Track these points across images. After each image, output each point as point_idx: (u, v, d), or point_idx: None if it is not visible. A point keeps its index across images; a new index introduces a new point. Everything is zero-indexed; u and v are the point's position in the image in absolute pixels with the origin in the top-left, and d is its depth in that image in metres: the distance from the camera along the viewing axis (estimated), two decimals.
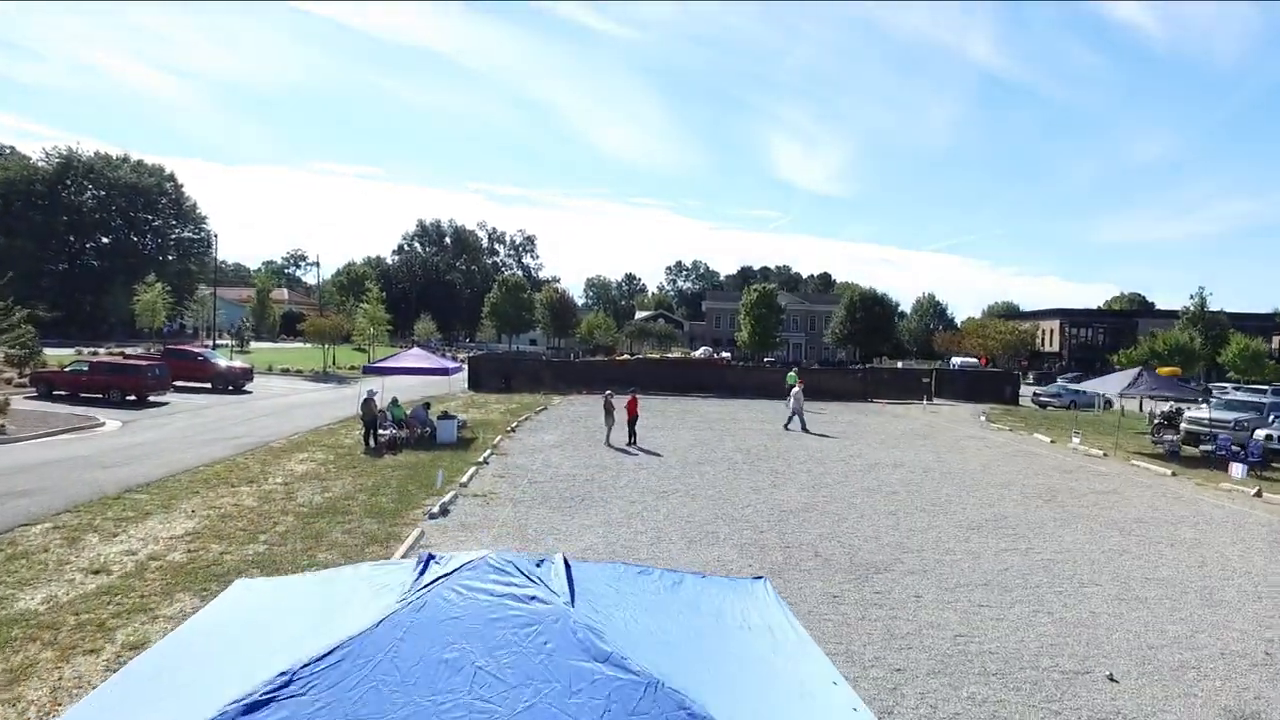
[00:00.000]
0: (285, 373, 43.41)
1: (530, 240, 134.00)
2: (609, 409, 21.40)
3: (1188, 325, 61.53)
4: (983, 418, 31.96)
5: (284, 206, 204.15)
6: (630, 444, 20.71)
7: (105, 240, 74.65)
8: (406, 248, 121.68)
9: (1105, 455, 22.37)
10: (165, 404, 26.38)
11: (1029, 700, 6.75)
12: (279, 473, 15.40)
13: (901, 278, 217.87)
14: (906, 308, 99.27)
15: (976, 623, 8.59)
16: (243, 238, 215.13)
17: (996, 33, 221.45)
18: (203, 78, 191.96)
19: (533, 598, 2.86)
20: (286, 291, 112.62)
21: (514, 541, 11.12)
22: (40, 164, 70.29)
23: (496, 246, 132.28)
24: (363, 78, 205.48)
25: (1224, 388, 43.40)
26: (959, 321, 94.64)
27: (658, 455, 19.50)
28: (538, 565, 3.10)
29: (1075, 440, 23.72)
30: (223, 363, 33.58)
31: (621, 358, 56.16)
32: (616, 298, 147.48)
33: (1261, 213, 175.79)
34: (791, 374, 35.22)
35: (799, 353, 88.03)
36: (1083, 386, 26.72)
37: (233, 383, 32.00)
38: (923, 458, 20.74)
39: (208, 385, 31.53)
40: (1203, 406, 25.52)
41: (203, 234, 79.26)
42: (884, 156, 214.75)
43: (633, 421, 21.43)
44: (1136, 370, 23.86)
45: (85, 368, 26.46)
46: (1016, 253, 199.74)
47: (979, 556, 11.32)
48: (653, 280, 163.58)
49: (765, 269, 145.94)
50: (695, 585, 3.62)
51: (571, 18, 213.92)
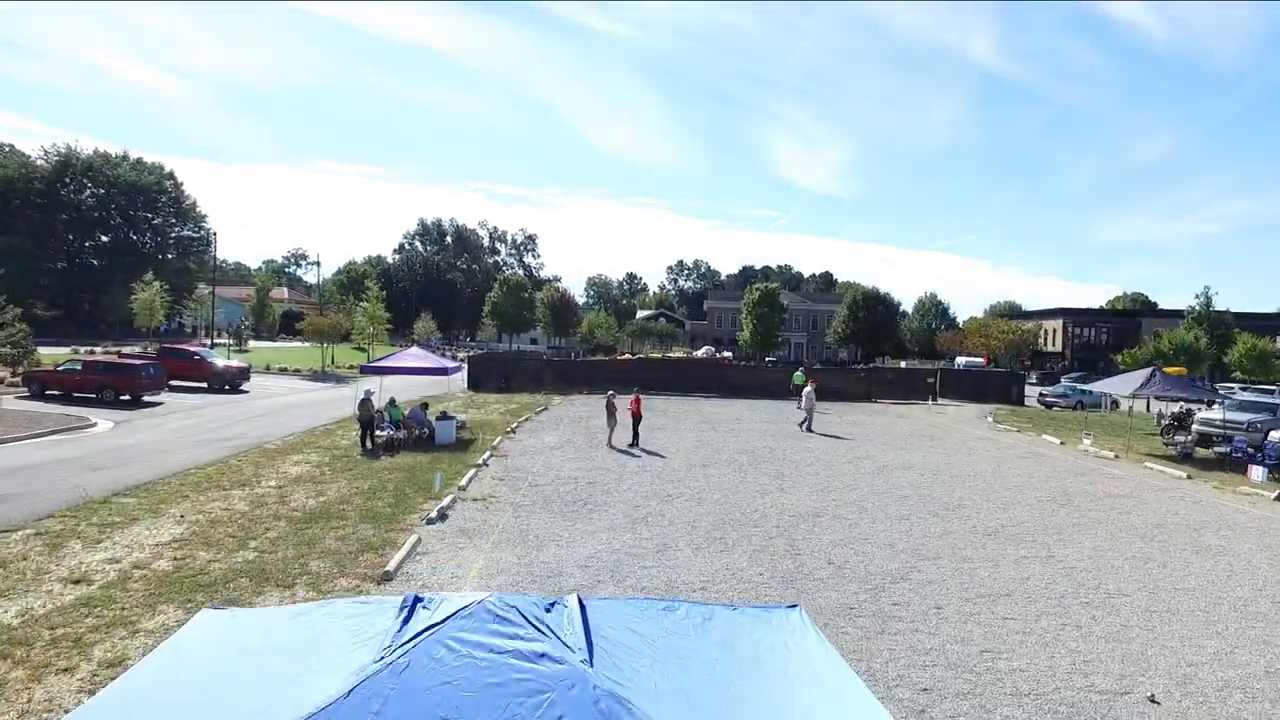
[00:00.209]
0: (283, 372, 43.00)
1: (531, 239, 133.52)
2: (611, 409, 20.96)
3: (1193, 325, 61.09)
4: (989, 418, 31.50)
5: (284, 206, 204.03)
6: (633, 445, 20.28)
7: (104, 239, 74.14)
8: (407, 246, 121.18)
9: (1117, 457, 21.91)
10: (160, 404, 25.96)
11: None
12: (272, 475, 14.98)
13: (902, 277, 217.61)
14: (907, 307, 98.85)
15: (1002, 636, 8.15)
16: (243, 237, 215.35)
17: (997, 32, 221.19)
18: (203, 77, 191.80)
19: (542, 655, 2.32)
20: (286, 291, 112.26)
21: (514, 549, 10.69)
22: (39, 162, 69.72)
23: (497, 245, 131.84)
24: (363, 77, 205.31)
25: (1231, 388, 42.92)
26: (961, 321, 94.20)
27: (661, 457, 19.07)
28: (547, 610, 2.56)
29: (1086, 442, 23.26)
30: (219, 362, 33.16)
31: (623, 357, 55.74)
32: (617, 297, 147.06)
33: (1263, 212, 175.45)
34: (798, 374, 34.79)
35: (801, 352, 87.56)
36: (1094, 387, 26.23)
37: (229, 382, 31.58)
38: (932, 459, 20.29)
39: (204, 385, 31.12)
40: (1214, 407, 25.04)
41: (202, 232, 78.69)
42: (885, 156, 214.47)
43: (636, 422, 21.00)
44: (1149, 370, 23.39)
45: (78, 367, 26.03)
46: (1017, 252, 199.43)
47: (998, 564, 10.88)
48: (654, 280, 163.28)
49: (766, 268, 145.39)
50: (726, 620, 3.17)
51: (572, 17, 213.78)
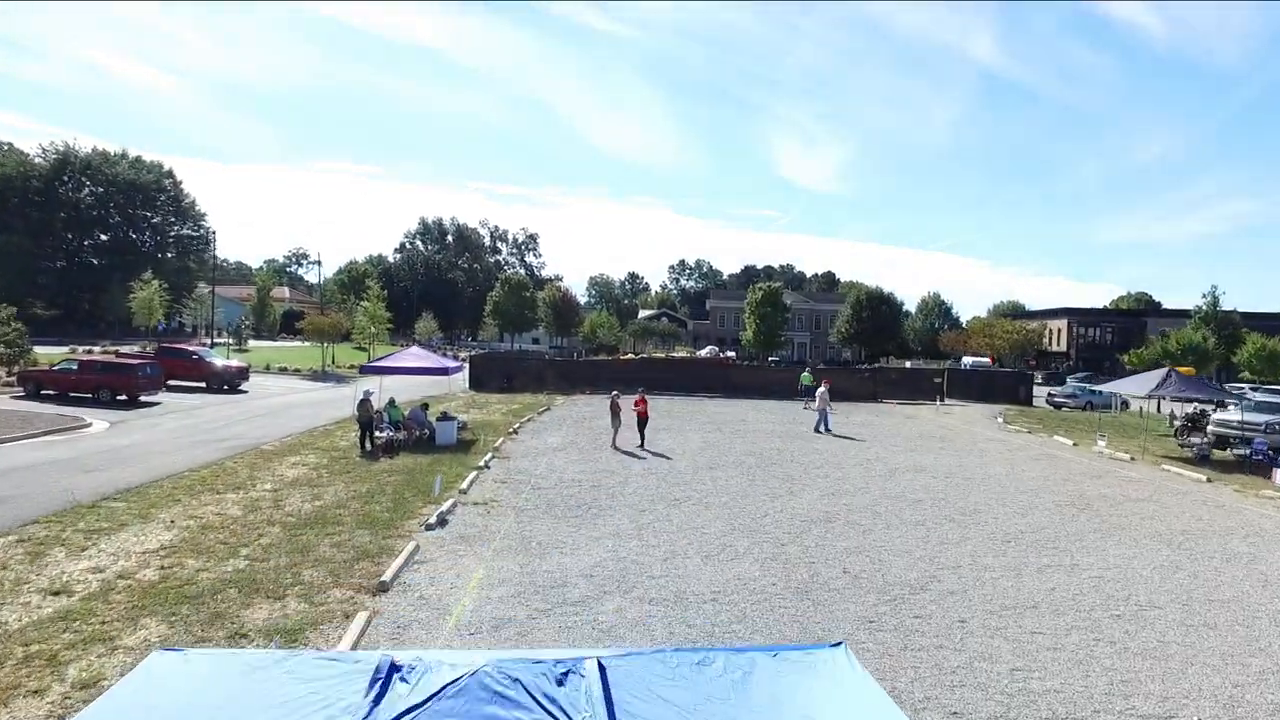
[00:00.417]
0: (283, 372, 42.62)
1: (533, 239, 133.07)
2: (615, 410, 20.53)
3: (1200, 325, 60.51)
4: (999, 419, 31.02)
5: (286, 205, 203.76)
6: (639, 447, 19.85)
7: (103, 237, 73.71)
8: (409, 246, 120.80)
9: (1133, 459, 21.44)
10: (157, 404, 25.58)
11: None
12: (268, 478, 14.57)
13: (902, 277, 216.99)
14: (909, 307, 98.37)
15: (1032, 653, 7.70)
16: (245, 237, 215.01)
17: (998, 32, 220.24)
18: (203, 76, 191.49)
19: None
20: (288, 290, 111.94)
21: (516, 556, 10.26)
22: (37, 160, 69.27)
23: (499, 245, 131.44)
24: (363, 76, 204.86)
25: (1241, 388, 42.31)
26: (964, 321, 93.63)
27: (667, 459, 18.64)
28: (560, 681, 2.01)
29: (1101, 443, 22.79)
30: (218, 361, 32.79)
31: (626, 357, 55.37)
32: (619, 296, 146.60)
33: (1265, 212, 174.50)
34: (806, 374, 34.30)
35: (804, 352, 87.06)
36: (1108, 388, 25.74)
37: (228, 382, 31.20)
38: (943, 462, 19.84)
39: (202, 385, 30.73)
40: (1229, 408, 24.55)
41: (202, 231, 78.27)
42: (885, 156, 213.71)
43: (643, 423, 20.52)
44: (1165, 371, 22.91)
45: (74, 367, 25.64)
46: (1017, 252, 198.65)
47: (1020, 574, 10.43)
48: (655, 279, 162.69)
49: (769, 268, 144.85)
50: (767, 669, 2.74)
51: (572, 17, 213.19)
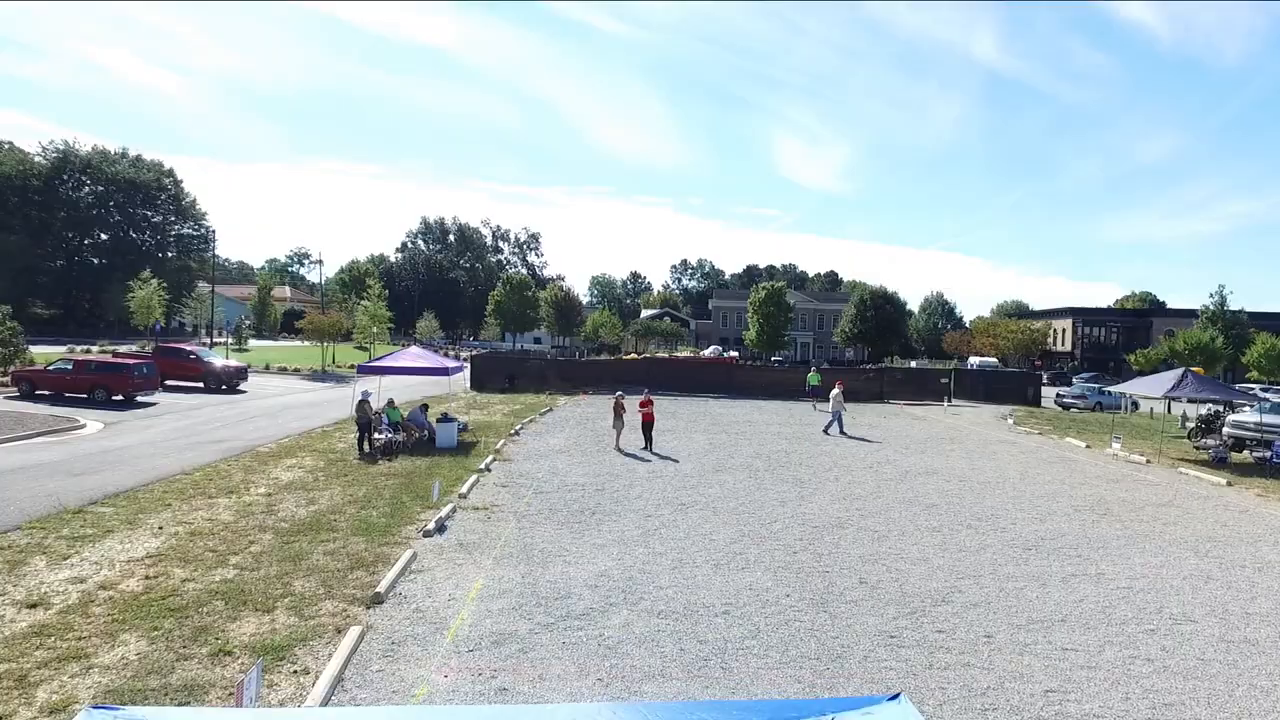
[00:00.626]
0: (283, 371, 42.25)
1: (535, 238, 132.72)
2: (619, 410, 20.08)
3: (1207, 324, 59.95)
4: (1009, 420, 30.52)
5: (288, 205, 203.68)
6: (645, 449, 19.40)
7: (103, 236, 73.48)
8: (410, 245, 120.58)
9: (1149, 461, 20.97)
10: (153, 404, 25.19)
11: None
12: (262, 482, 14.15)
13: (903, 276, 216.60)
14: (911, 307, 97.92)
15: (1066, 672, 7.24)
16: (248, 236, 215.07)
17: (1001, 31, 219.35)
18: (205, 75, 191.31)
19: None
20: (289, 289, 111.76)
21: (518, 565, 9.82)
22: (37, 159, 68.97)
23: (501, 244, 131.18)
24: (366, 75, 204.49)
25: (1250, 388, 41.74)
26: (967, 321, 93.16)
27: (672, 461, 18.21)
28: None
29: (1115, 445, 22.29)
30: (216, 361, 32.41)
31: (629, 356, 55.01)
32: (621, 296, 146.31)
33: (1268, 211, 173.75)
34: (813, 374, 33.80)
35: (807, 352, 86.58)
36: (1122, 388, 25.23)
37: (226, 382, 30.80)
38: (955, 464, 19.37)
39: (200, 385, 30.34)
40: (1245, 409, 24.03)
41: (202, 230, 78.04)
42: (887, 155, 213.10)
43: (648, 426, 20.03)
44: (1181, 371, 22.42)
45: (69, 366, 25.25)
46: (1019, 252, 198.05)
47: (1045, 584, 9.97)
48: (658, 279, 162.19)
49: (771, 267, 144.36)
50: None
51: (575, 16, 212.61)
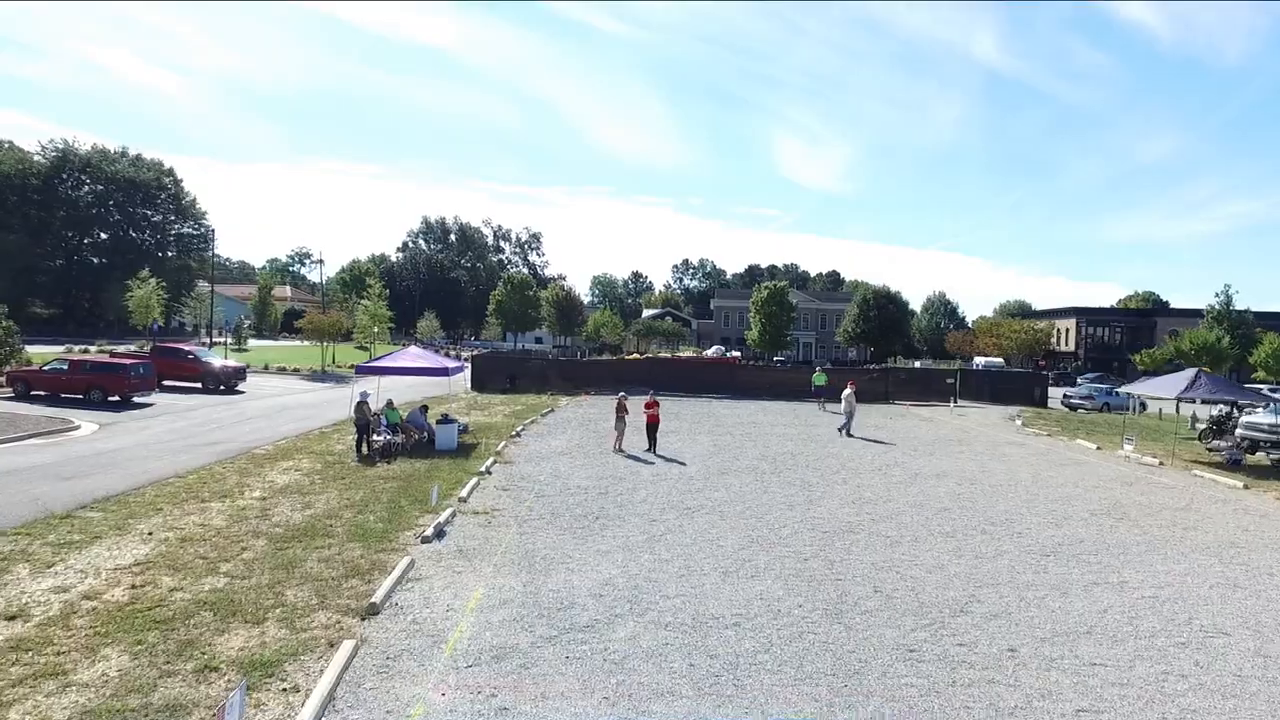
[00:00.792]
0: (282, 371, 41.92)
1: (536, 238, 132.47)
2: (622, 411, 19.72)
3: (1213, 324, 59.51)
4: (1018, 421, 30.12)
5: (289, 204, 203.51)
6: (648, 450, 19.04)
7: (103, 236, 73.20)
8: (411, 244, 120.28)
9: (1161, 464, 20.59)
10: (150, 405, 24.86)
11: None
12: (258, 485, 13.80)
13: (904, 276, 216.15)
14: (913, 306, 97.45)
15: (1096, 689, 6.87)
16: (249, 236, 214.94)
17: (1001, 31, 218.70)
18: (205, 75, 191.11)
19: None
20: (289, 289, 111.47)
21: (519, 573, 9.47)
22: (36, 158, 68.68)
23: (502, 244, 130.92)
24: (366, 75, 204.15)
25: (1258, 389, 41.31)
26: (969, 321, 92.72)
27: (677, 463, 17.85)
28: None
29: (1128, 447, 21.91)
30: (214, 361, 32.08)
31: (631, 356, 54.67)
32: (623, 296, 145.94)
33: (1269, 211, 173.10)
34: (818, 374, 33.43)
35: (810, 352, 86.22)
36: (1132, 389, 24.84)
37: (224, 382, 30.46)
38: (965, 467, 19.00)
39: (198, 385, 30.01)
40: (1258, 411, 23.64)
41: (202, 229, 77.70)
42: (887, 155, 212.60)
43: (652, 429, 19.66)
44: (1193, 372, 22.04)
45: (64, 367, 24.92)
46: (1019, 252, 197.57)
47: (1067, 593, 9.60)
48: (659, 279, 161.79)
49: (772, 267, 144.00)
50: None
51: (574, 16, 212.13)
